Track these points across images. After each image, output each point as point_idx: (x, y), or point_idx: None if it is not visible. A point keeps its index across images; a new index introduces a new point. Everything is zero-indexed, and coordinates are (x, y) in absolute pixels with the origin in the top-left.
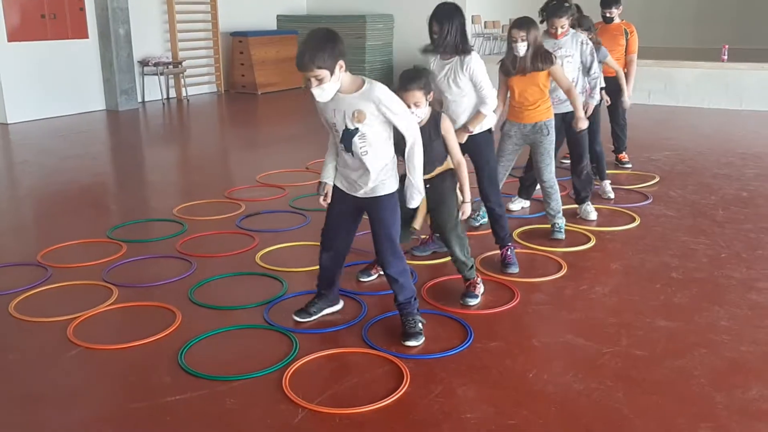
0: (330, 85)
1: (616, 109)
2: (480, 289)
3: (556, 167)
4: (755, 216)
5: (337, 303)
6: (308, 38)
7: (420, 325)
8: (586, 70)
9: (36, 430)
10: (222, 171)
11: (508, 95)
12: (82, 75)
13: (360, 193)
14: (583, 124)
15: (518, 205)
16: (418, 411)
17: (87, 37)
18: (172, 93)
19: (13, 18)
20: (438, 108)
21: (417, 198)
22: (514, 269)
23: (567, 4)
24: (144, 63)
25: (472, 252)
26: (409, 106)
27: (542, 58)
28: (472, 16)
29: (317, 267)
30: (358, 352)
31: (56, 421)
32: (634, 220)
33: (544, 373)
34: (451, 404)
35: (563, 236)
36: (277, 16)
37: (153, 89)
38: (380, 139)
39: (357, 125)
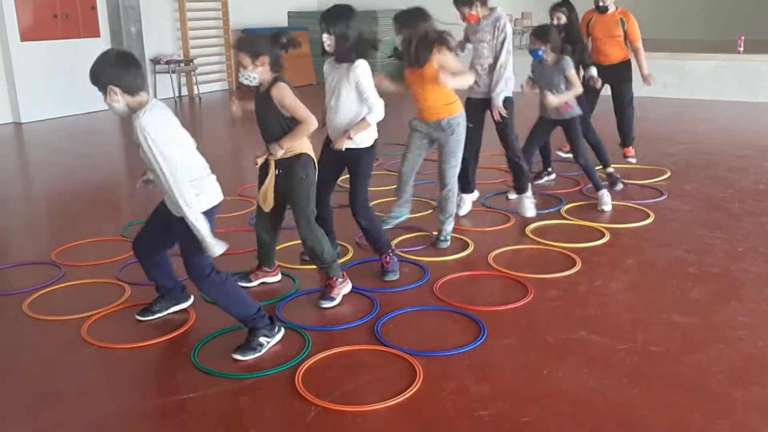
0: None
1: (618, 98)
2: (341, 289)
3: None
4: None
5: (185, 300)
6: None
7: (261, 339)
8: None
9: (50, 428)
10: (234, 168)
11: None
12: None
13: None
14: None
15: (467, 207)
16: (431, 408)
17: (99, 35)
18: (184, 91)
19: (25, 18)
20: (279, 72)
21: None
22: (392, 276)
23: None
24: (156, 61)
25: (477, 246)
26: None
27: (423, 48)
28: None
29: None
30: (370, 349)
31: (70, 419)
32: (648, 216)
33: (558, 370)
34: (464, 401)
35: (447, 245)
36: (288, 12)
37: (165, 87)
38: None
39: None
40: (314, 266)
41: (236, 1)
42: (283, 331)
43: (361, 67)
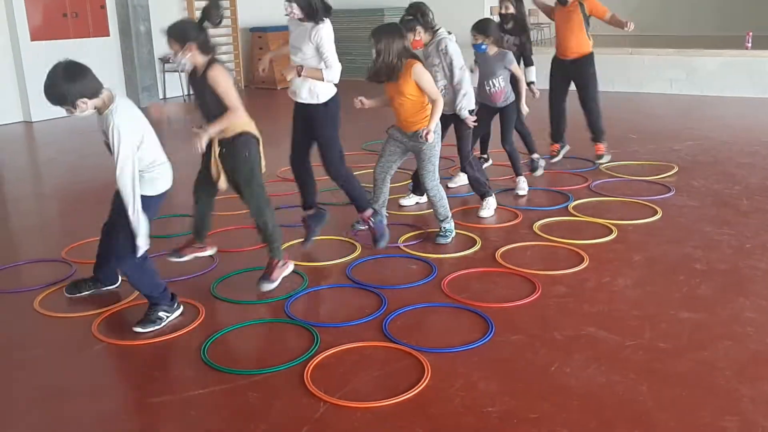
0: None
1: (583, 95)
2: (281, 272)
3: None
4: None
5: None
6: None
7: (161, 314)
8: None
9: (61, 423)
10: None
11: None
12: (103, 72)
13: None
14: (431, 137)
15: (412, 200)
16: (439, 405)
17: (108, 34)
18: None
19: (35, 17)
20: (213, 54)
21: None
22: (382, 243)
23: (409, 17)
24: (165, 60)
25: (485, 243)
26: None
27: (392, 67)
28: (491, 7)
29: (338, 261)
30: (378, 345)
31: (81, 415)
32: (656, 212)
33: (566, 366)
34: (472, 398)
35: (448, 241)
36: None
37: (174, 86)
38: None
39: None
40: (321, 263)
41: (244, 1)
42: (182, 308)
43: (325, 28)
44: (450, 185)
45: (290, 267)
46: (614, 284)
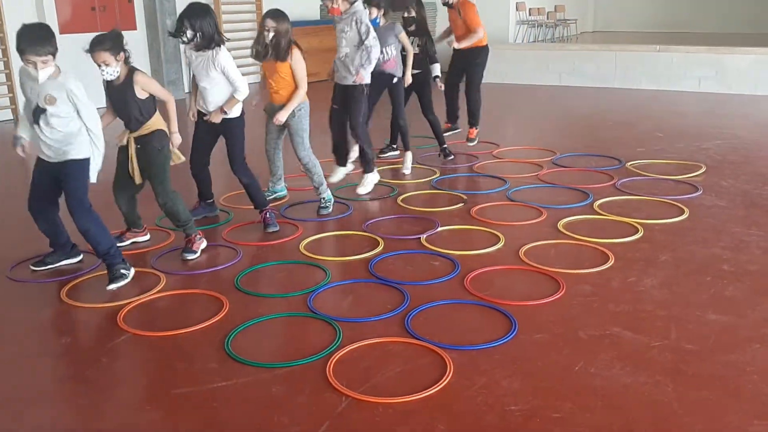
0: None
1: (468, 81)
2: (200, 245)
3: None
4: None
5: (75, 256)
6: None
7: (122, 270)
8: (361, 43)
9: (85, 410)
10: (266, 160)
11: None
12: None
13: (52, 160)
14: (282, 116)
15: (340, 174)
16: (462, 402)
17: (135, 28)
18: None
19: (64, 11)
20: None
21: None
22: (273, 228)
23: None
24: None
25: (514, 241)
26: (99, 66)
27: (280, 50)
28: (517, 3)
29: (361, 256)
30: (401, 341)
31: (104, 402)
32: (683, 212)
33: (590, 366)
34: (495, 396)
35: (329, 210)
36: (320, 5)
37: None
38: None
39: (47, 107)
40: (343, 258)
41: None
42: (133, 269)
43: (223, 53)
44: (332, 180)
45: (204, 242)
46: (640, 284)
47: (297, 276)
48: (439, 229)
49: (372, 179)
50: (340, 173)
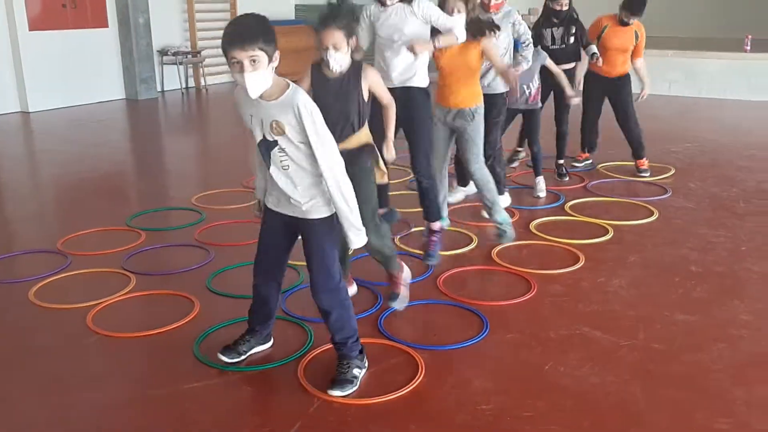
0: (265, 74)
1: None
2: (403, 289)
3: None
4: None
5: (268, 341)
6: (246, 17)
7: (355, 371)
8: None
9: (56, 414)
10: (240, 160)
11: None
12: (102, 64)
13: (290, 212)
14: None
15: (460, 195)
16: (434, 402)
17: (107, 26)
18: (191, 82)
19: (34, 7)
20: (358, 57)
21: (358, 236)
22: (432, 261)
23: None
24: (163, 52)
25: (481, 241)
26: (327, 48)
27: (476, 27)
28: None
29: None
30: (373, 342)
31: (76, 406)
32: (652, 213)
33: (560, 365)
34: (466, 395)
35: (509, 235)
36: (295, 5)
37: (172, 78)
38: (304, 154)
39: (276, 137)
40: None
41: None
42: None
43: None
44: (451, 200)
45: (406, 269)
46: (609, 284)
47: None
48: (413, 229)
49: (503, 201)
50: (460, 193)
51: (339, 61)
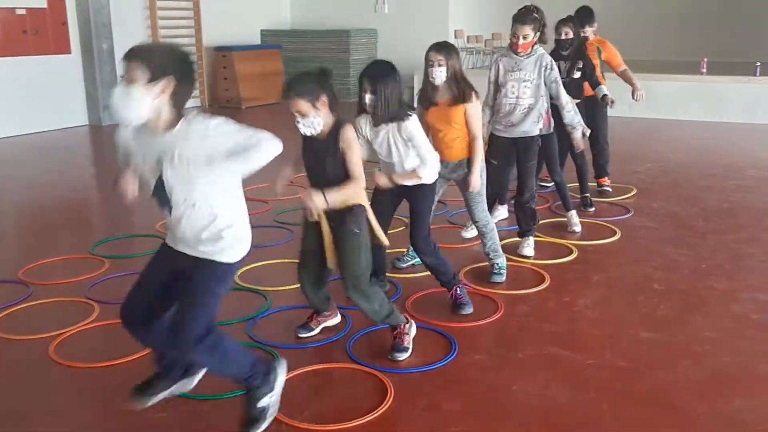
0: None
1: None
2: (409, 339)
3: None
4: (736, 227)
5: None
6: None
7: (262, 402)
8: (556, 100)
9: None
10: None
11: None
12: (65, 90)
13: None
14: (475, 183)
15: (472, 232)
16: (403, 426)
17: (70, 52)
18: None
19: None
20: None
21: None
22: (467, 309)
23: (535, 15)
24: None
25: (454, 263)
26: (294, 115)
27: (460, 90)
28: (455, 31)
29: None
30: (341, 367)
31: None
32: (615, 233)
33: (528, 385)
34: (435, 418)
35: (503, 279)
36: (261, 30)
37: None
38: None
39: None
40: (283, 287)
41: (209, 21)
42: (284, 365)
43: (414, 122)
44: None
45: (414, 325)
46: (575, 304)
47: (237, 302)
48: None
49: (528, 244)
50: (472, 231)
51: (308, 125)
